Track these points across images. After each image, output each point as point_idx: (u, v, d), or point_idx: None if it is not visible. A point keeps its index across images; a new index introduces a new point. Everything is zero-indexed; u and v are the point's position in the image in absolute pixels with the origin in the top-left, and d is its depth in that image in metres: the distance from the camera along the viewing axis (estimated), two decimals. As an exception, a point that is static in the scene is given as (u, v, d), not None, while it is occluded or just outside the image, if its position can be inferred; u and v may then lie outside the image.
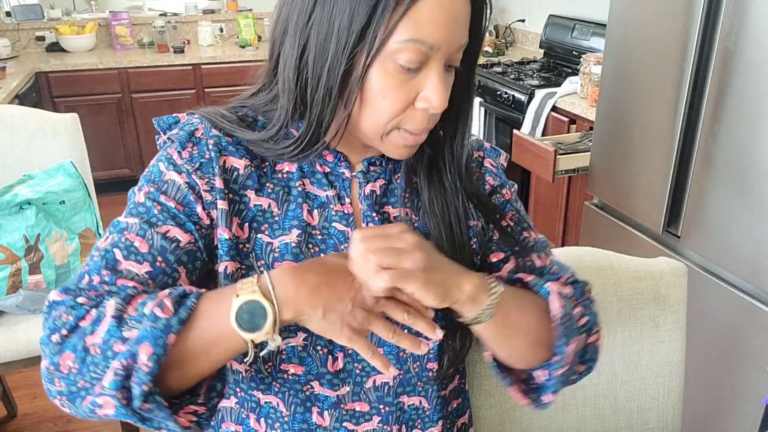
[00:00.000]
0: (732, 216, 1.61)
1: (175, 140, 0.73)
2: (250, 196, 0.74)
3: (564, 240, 2.76)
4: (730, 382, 1.69)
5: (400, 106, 0.68)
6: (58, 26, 3.88)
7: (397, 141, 0.71)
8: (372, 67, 0.66)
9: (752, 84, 1.51)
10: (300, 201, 0.75)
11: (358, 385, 0.76)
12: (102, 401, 0.61)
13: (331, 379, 0.76)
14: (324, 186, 0.76)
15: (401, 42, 0.64)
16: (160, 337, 0.60)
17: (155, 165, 0.74)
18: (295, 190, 0.75)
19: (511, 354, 0.77)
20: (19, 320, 1.61)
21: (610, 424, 1.10)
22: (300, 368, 0.74)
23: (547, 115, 2.69)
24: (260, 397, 0.77)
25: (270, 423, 0.77)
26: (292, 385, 0.75)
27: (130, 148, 3.81)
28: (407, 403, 0.79)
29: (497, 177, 0.85)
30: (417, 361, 0.78)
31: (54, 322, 0.64)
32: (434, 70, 0.67)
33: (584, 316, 0.78)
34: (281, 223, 0.74)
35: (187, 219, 0.71)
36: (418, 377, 0.79)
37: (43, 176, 1.69)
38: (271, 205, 0.75)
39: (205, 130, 0.74)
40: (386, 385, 0.78)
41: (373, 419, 0.78)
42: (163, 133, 0.77)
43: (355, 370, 0.76)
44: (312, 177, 0.77)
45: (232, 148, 0.74)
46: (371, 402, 0.78)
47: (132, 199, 0.73)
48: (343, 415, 0.77)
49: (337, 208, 0.76)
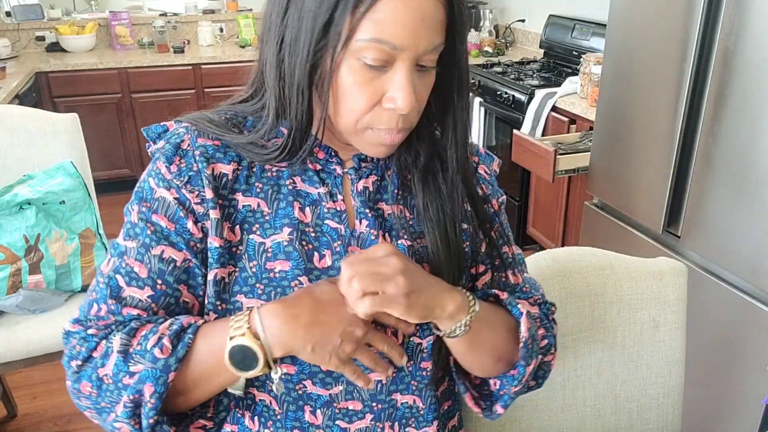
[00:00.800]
0: (732, 216, 1.61)
1: (162, 155, 0.73)
2: (238, 198, 0.74)
3: (564, 240, 2.76)
4: (730, 382, 1.69)
5: (367, 104, 0.68)
6: (58, 26, 3.88)
7: (373, 140, 0.71)
8: (341, 65, 0.66)
9: (752, 84, 1.51)
10: (291, 199, 0.75)
11: (350, 384, 0.76)
12: (119, 426, 0.70)
13: (323, 378, 0.75)
14: (315, 183, 0.76)
15: (364, 41, 0.64)
16: (161, 376, 0.67)
17: (146, 180, 0.75)
18: (285, 188, 0.75)
19: (473, 364, 0.81)
20: (19, 320, 1.61)
21: (610, 424, 1.10)
22: (292, 368, 0.74)
23: (547, 115, 2.69)
24: (255, 394, 0.77)
25: (263, 422, 0.77)
26: (284, 384, 0.75)
27: (130, 148, 3.81)
28: (400, 401, 0.79)
29: (489, 185, 0.86)
30: (411, 360, 0.78)
31: (70, 350, 0.72)
32: (401, 70, 0.66)
33: (545, 338, 0.83)
34: (272, 222, 0.74)
35: (180, 237, 0.72)
36: (412, 376, 0.79)
37: (43, 176, 1.69)
38: (261, 204, 0.74)
39: (191, 140, 0.74)
40: (379, 383, 0.78)
41: (366, 417, 0.78)
42: (153, 143, 0.76)
43: None
44: (303, 175, 0.76)
45: (219, 155, 0.74)
46: (364, 400, 0.78)
47: (128, 218, 0.75)
48: (336, 414, 0.77)
49: (329, 205, 0.76)
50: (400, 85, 0.66)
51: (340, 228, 0.76)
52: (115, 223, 3.74)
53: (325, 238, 0.75)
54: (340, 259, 0.74)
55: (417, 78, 0.68)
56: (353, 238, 0.76)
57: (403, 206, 0.79)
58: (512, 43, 3.91)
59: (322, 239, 0.75)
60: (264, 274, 0.73)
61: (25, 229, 1.58)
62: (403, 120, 0.69)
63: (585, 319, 1.07)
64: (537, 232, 2.97)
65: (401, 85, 0.66)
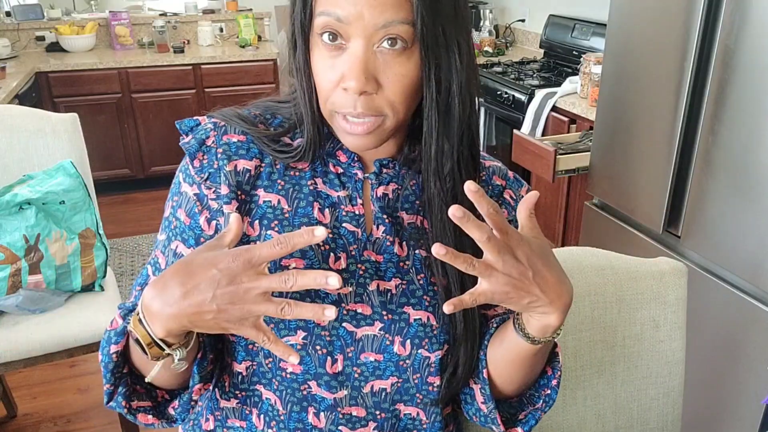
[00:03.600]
0: (732, 216, 1.61)
1: (186, 150, 0.76)
2: (259, 193, 0.75)
3: (564, 240, 2.76)
4: (730, 382, 1.69)
5: (328, 84, 0.67)
6: (58, 26, 3.88)
7: (339, 126, 0.70)
8: (313, 47, 0.68)
9: (752, 83, 1.51)
10: (311, 199, 0.75)
11: (355, 389, 0.76)
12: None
13: (329, 380, 0.75)
14: (336, 187, 0.76)
15: (317, 15, 0.65)
16: (105, 347, 0.70)
17: (177, 175, 0.78)
18: (306, 188, 0.75)
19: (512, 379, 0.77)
20: (19, 320, 1.61)
21: (610, 424, 1.10)
22: (298, 367, 0.74)
23: (547, 115, 2.69)
24: (262, 392, 0.76)
25: (267, 421, 0.77)
26: (289, 383, 0.75)
27: (130, 148, 3.81)
28: (403, 412, 0.78)
29: (513, 210, 0.81)
30: (417, 372, 0.76)
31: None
32: (352, 46, 0.65)
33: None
34: (291, 219, 0.74)
35: (191, 233, 0.75)
36: (417, 389, 0.77)
37: (43, 176, 1.69)
38: (281, 201, 0.75)
39: (216, 138, 0.75)
40: (383, 390, 0.76)
41: (369, 425, 0.77)
42: (184, 136, 0.78)
43: (353, 373, 0.75)
44: (324, 177, 0.77)
45: (242, 151, 0.75)
46: (368, 407, 0.77)
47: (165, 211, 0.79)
48: (339, 419, 0.76)
49: (348, 209, 0.76)
50: (348, 61, 0.65)
51: (357, 231, 0.76)
52: (115, 223, 3.76)
53: (342, 240, 0.75)
54: (355, 263, 0.74)
55: (383, 59, 0.65)
56: (369, 242, 0.76)
57: (423, 217, 0.78)
58: (512, 43, 3.91)
59: (339, 242, 0.75)
60: (278, 270, 0.72)
61: (25, 229, 1.58)
62: (363, 104, 0.66)
63: (585, 319, 1.07)
64: (537, 232, 2.97)
65: (350, 60, 0.65)
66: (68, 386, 2.25)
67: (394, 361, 0.76)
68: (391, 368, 0.75)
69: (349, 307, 0.74)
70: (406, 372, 0.76)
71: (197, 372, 0.72)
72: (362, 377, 0.76)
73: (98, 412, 2.13)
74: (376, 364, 0.75)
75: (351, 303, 0.74)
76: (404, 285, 0.76)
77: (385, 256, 0.76)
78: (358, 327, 0.74)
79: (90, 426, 2.08)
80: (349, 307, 0.74)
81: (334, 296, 0.74)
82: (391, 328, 0.75)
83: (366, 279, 0.75)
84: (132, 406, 0.73)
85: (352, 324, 0.74)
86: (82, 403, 2.18)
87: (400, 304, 0.75)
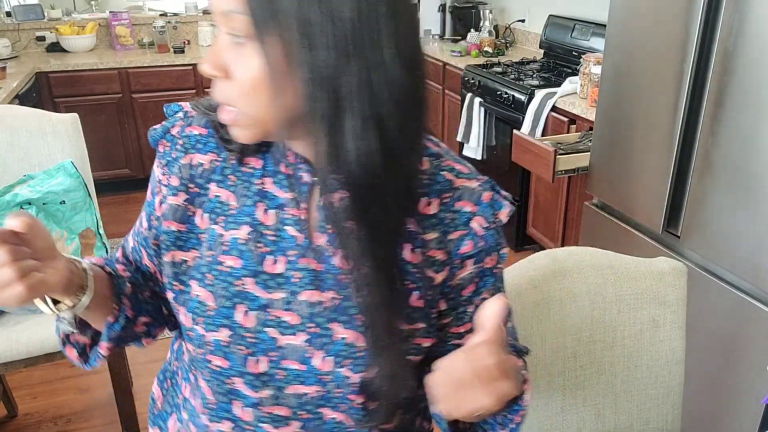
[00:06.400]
0: (732, 216, 1.61)
1: (152, 137, 0.79)
2: (212, 187, 0.75)
3: (564, 240, 2.76)
4: (730, 382, 1.69)
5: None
6: (59, 26, 3.88)
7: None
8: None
9: (752, 84, 1.51)
10: (256, 199, 0.74)
11: (279, 390, 0.74)
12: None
13: (252, 380, 0.74)
14: (284, 188, 0.74)
15: None
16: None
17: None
18: (254, 187, 0.74)
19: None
20: (19, 320, 1.61)
21: (610, 424, 1.10)
22: (225, 362, 0.74)
23: (547, 115, 2.69)
24: (198, 378, 0.78)
25: (202, 406, 0.79)
26: (216, 376, 0.75)
27: (130, 148, 3.81)
28: (328, 416, 0.76)
29: (483, 240, 0.74)
30: (339, 388, 0.73)
31: None
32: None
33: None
34: (235, 217, 0.74)
35: (150, 209, 0.80)
36: (340, 400, 0.75)
37: (44, 176, 1.69)
38: (230, 198, 0.75)
39: (182, 128, 0.77)
40: (306, 394, 0.74)
41: (292, 424, 0.76)
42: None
43: (276, 375, 0.74)
44: (275, 177, 0.74)
45: (200, 146, 0.76)
46: (292, 407, 0.75)
47: None
48: (263, 417, 0.76)
49: (293, 212, 0.73)
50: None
51: (299, 237, 0.72)
52: (115, 223, 3.75)
53: (283, 243, 0.73)
54: (293, 268, 0.72)
55: (233, 49, 0.62)
56: (310, 250, 0.72)
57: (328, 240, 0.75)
58: (512, 43, 3.91)
59: (280, 244, 0.73)
60: (215, 266, 0.73)
61: (26, 229, 1.58)
62: (215, 91, 0.65)
63: (585, 319, 1.07)
64: (537, 232, 2.98)
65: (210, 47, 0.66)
66: (68, 386, 2.25)
67: (315, 374, 0.73)
68: (313, 379, 0.73)
69: (276, 314, 0.72)
70: (326, 385, 0.74)
71: (106, 334, 0.78)
72: (285, 380, 0.74)
73: (98, 412, 2.13)
74: (298, 371, 0.73)
75: (280, 310, 0.72)
76: (339, 300, 0.72)
77: (326, 266, 0.72)
78: (283, 335, 0.72)
79: (90, 426, 2.08)
80: (276, 313, 0.72)
81: (264, 300, 0.72)
82: (315, 342, 0.72)
83: (299, 288, 0.72)
84: (70, 338, 0.82)
85: (277, 331, 0.72)
86: (82, 403, 2.18)
87: (330, 319, 0.72)
